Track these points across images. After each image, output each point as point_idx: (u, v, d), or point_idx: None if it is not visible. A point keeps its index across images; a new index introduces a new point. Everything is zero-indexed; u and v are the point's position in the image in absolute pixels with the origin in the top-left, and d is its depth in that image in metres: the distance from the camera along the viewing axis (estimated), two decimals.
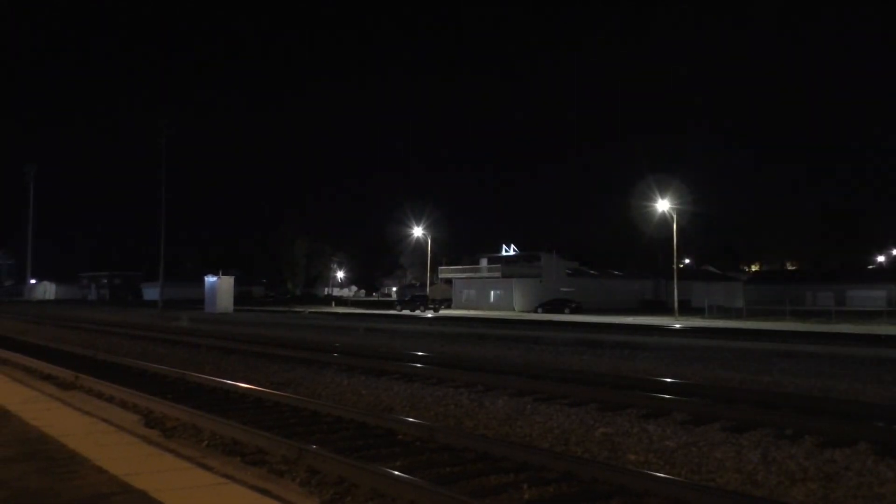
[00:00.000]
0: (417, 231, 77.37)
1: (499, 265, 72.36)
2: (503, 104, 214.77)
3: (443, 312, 62.48)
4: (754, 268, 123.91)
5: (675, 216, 53.07)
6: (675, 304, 52.16)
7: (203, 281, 64.26)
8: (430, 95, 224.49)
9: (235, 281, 67.38)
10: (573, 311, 59.35)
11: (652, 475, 6.59)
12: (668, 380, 13.48)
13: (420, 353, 19.10)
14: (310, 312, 61.71)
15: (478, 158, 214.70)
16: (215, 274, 62.11)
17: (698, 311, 57.95)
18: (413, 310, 64.99)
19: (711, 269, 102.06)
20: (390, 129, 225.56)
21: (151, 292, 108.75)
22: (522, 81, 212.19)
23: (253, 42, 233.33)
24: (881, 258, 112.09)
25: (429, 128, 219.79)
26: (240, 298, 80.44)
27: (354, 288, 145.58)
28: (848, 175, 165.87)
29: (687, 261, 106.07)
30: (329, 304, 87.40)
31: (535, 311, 62.00)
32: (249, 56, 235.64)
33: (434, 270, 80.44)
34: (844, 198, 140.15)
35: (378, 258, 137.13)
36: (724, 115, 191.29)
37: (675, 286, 53.31)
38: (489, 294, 72.01)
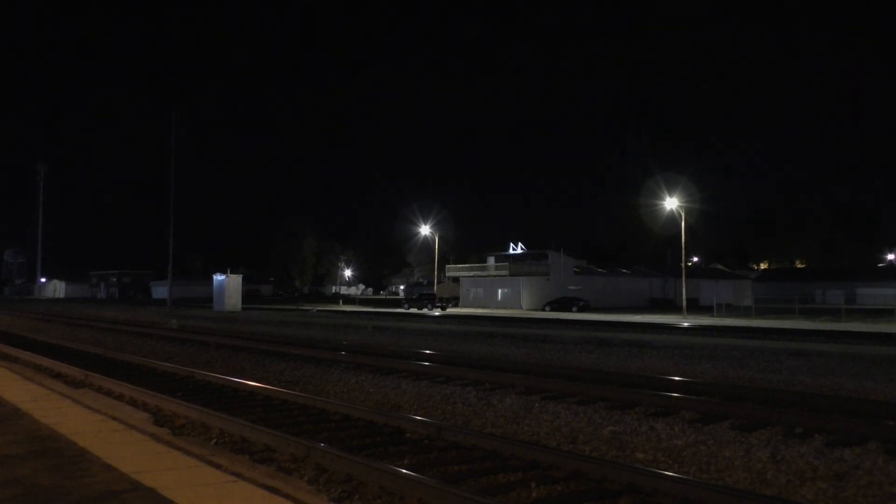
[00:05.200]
0: (425, 229, 77.39)
1: (506, 263, 72.27)
2: (511, 103, 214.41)
3: (450, 311, 62.47)
4: (763, 266, 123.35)
5: (683, 214, 52.88)
6: (684, 303, 51.99)
7: (212, 279, 64.49)
8: (439, 94, 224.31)
9: (244, 279, 67.54)
10: (581, 310, 59.23)
11: (660, 474, 6.57)
12: (677, 378, 13.45)
13: (428, 352, 19.11)
14: (318, 311, 61.82)
15: (485, 157, 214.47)
16: (224, 272, 62.28)
17: (707, 310, 57.72)
18: (420, 308, 64.99)
19: (720, 267, 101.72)
20: (398, 128, 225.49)
21: (161, 290, 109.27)
22: (531, 79, 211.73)
23: (261, 41, 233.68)
24: (891, 256, 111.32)
25: (436, 126, 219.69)
26: (248, 297, 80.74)
27: (362, 286, 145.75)
28: (858, 173, 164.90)
29: (695, 259, 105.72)
30: (337, 303, 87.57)
31: (543, 310, 61.91)
32: (259, 54, 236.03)
33: (441, 269, 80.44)
34: (855, 196, 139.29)
35: (386, 257, 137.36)
36: (733, 113, 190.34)
37: (684, 284, 53.14)
38: (497, 292, 71.93)
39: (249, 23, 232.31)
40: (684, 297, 52.44)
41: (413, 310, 63.45)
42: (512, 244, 76.16)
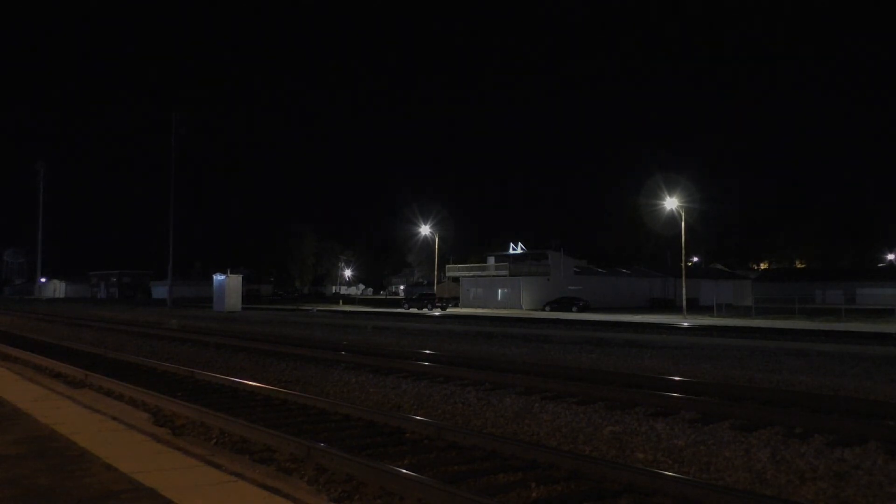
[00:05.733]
0: (425, 229, 77.37)
1: (506, 263, 72.25)
2: (511, 103, 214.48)
3: (450, 311, 62.45)
4: (763, 266, 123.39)
5: (683, 214, 52.88)
6: (684, 303, 51.99)
7: (212, 279, 64.48)
8: (439, 94, 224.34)
9: (244, 279, 67.51)
10: (581, 310, 59.22)
11: (660, 474, 6.57)
12: (677, 378, 13.44)
13: (427, 352, 19.10)
14: (318, 311, 61.81)
15: (486, 157, 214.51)
16: (224, 272, 62.27)
17: (707, 310, 57.73)
18: (420, 308, 64.97)
19: (720, 267, 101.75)
20: (398, 128, 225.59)
21: (161, 290, 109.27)
22: (530, 79, 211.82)
23: (262, 40, 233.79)
24: (891, 256, 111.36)
25: (436, 126, 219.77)
26: (248, 297, 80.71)
27: (362, 286, 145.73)
28: (859, 173, 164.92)
29: (695, 259, 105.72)
30: (337, 303, 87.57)
31: (543, 310, 61.90)
32: (259, 54, 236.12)
33: (441, 269, 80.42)
34: (854, 196, 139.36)
35: (386, 257, 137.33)
36: (733, 113, 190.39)
37: (684, 284, 53.15)
38: (496, 292, 71.92)
39: (250, 23, 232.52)
40: (684, 297, 52.44)
41: (413, 310, 63.43)
42: (512, 244, 76.19)
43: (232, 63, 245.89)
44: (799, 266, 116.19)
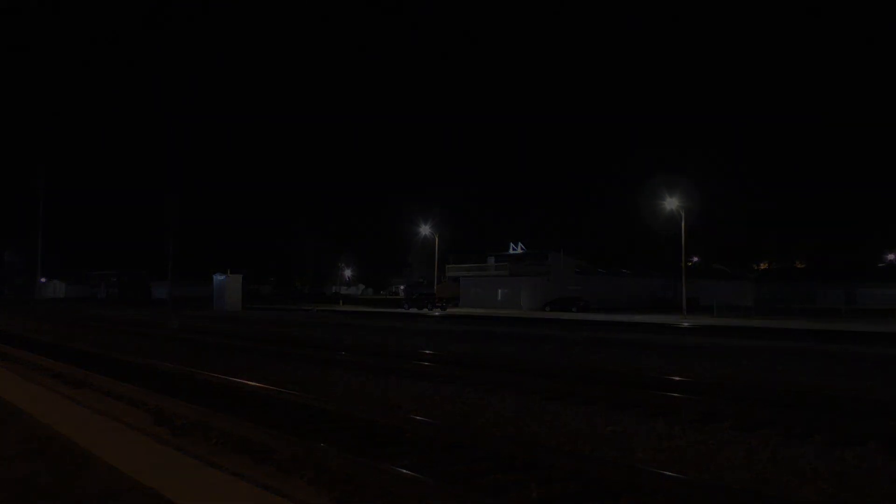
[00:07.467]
0: (425, 229, 77.36)
1: (506, 263, 72.29)
2: (511, 102, 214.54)
3: (450, 311, 62.48)
4: (763, 266, 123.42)
5: (683, 214, 52.90)
6: (684, 303, 52.01)
7: (212, 279, 64.51)
8: (438, 93, 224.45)
9: (244, 279, 67.60)
10: (581, 310, 59.25)
11: (660, 474, 6.56)
12: (677, 378, 13.45)
13: (428, 352, 19.11)
14: (318, 311, 61.83)
15: (486, 156, 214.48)
16: (224, 272, 62.28)
17: (707, 310, 57.73)
18: (420, 308, 64.99)
19: (720, 267, 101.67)
20: (398, 127, 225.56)
21: (161, 290, 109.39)
22: (530, 77, 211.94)
23: (259, 39, 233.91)
24: (891, 256, 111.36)
25: (436, 125, 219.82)
26: (248, 297, 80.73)
27: (362, 286, 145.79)
28: (859, 172, 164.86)
29: (695, 259, 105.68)
30: (337, 303, 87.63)
31: (543, 310, 61.94)
32: (258, 51, 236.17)
33: (441, 269, 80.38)
34: (855, 196, 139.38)
35: (386, 256, 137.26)
36: (733, 112, 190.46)
37: (684, 284, 53.15)
38: (496, 292, 71.94)
39: (247, 22, 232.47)
40: (684, 297, 52.45)
41: (413, 310, 63.44)
42: (512, 244, 76.22)
43: (233, 61, 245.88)
44: (799, 266, 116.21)
